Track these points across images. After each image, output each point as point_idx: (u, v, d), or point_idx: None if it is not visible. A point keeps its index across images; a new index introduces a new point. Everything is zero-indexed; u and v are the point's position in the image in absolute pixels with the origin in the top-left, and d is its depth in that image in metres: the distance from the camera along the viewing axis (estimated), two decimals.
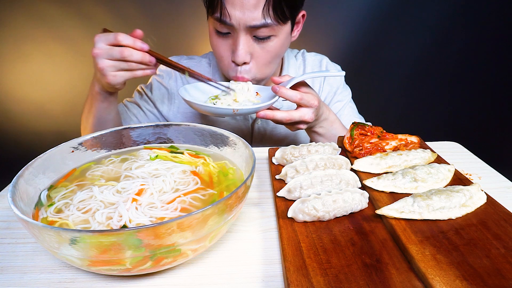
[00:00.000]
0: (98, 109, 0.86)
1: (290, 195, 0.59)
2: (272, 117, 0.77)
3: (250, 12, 0.79)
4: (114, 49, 0.73)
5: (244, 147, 0.59)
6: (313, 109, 0.79)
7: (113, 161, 0.65)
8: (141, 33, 0.76)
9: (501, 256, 0.45)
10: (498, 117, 2.53)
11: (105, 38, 0.73)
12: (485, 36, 2.28)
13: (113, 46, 0.73)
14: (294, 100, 0.78)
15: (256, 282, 0.47)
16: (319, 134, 0.90)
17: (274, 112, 0.77)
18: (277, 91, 0.77)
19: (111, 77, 0.75)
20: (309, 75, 0.83)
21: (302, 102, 0.78)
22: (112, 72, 0.75)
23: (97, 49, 0.73)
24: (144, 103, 1.05)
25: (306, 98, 0.78)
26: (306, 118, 0.79)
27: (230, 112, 0.77)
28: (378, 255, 0.46)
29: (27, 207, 0.49)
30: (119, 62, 0.74)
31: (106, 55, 0.73)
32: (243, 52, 0.84)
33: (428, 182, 0.61)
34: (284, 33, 0.87)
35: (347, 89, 1.14)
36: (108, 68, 0.74)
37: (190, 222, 0.41)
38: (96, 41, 0.73)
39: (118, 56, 0.73)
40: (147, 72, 0.78)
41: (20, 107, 2.31)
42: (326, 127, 0.89)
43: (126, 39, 0.73)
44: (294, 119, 0.78)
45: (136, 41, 0.74)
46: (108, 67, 0.74)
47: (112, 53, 0.73)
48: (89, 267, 0.43)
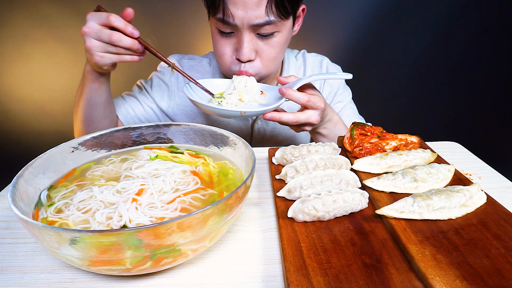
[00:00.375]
0: (89, 90, 0.85)
1: (290, 195, 0.59)
2: (278, 119, 0.78)
3: (253, 10, 0.79)
4: (103, 31, 0.72)
5: (244, 147, 0.59)
6: (319, 111, 0.79)
7: (113, 161, 0.65)
8: (132, 12, 0.75)
9: (501, 256, 0.45)
10: (498, 117, 2.53)
11: (96, 17, 0.72)
12: (485, 36, 2.28)
13: (103, 27, 0.73)
14: (301, 103, 0.78)
15: (256, 282, 0.47)
16: (322, 135, 0.90)
17: (281, 114, 0.77)
18: (284, 93, 0.77)
19: (98, 57, 0.75)
20: (317, 77, 0.83)
21: (309, 104, 0.78)
22: (99, 52, 0.74)
23: (86, 28, 0.72)
24: (143, 98, 1.05)
25: (313, 100, 0.78)
26: (312, 120, 0.79)
27: (238, 114, 0.77)
28: (378, 255, 0.46)
29: (27, 207, 0.49)
30: (107, 44, 0.74)
31: (95, 35, 0.73)
32: (248, 50, 0.84)
33: (428, 182, 0.61)
34: (287, 28, 0.87)
35: (347, 89, 1.14)
36: (95, 48, 0.73)
37: (190, 222, 0.41)
38: (88, 19, 0.73)
39: (106, 39, 0.73)
40: (135, 58, 0.78)
41: (20, 107, 2.31)
42: (329, 128, 0.89)
43: (117, 21, 0.72)
44: (300, 121, 0.78)
45: (128, 25, 0.73)
46: (95, 47, 0.73)
47: (101, 35, 0.72)
48: (89, 267, 0.43)
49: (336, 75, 0.85)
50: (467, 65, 2.36)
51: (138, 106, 1.03)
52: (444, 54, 2.31)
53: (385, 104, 2.38)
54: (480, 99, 2.48)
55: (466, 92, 2.44)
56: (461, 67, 2.37)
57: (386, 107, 2.38)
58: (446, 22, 2.21)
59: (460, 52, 2.31)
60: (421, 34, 2.23)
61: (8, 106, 2.30)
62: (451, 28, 2.23)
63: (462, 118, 2.51)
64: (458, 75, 2.40)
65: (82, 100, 0.87)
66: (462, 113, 2.50)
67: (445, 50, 2.30)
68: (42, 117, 2.34)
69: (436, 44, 2.27)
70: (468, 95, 2.45)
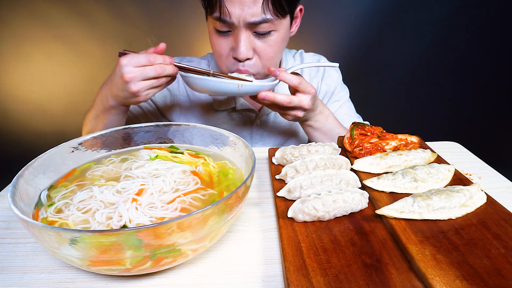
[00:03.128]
0: (112, 121, 0.87)
1: (290, 195, 0.59)
2: (273, 99, 0.79)
3: (249, 8, 0.79)
4: (147, 69, 0.74)
5: (244, 147, 0.59)
6: (310, 96, 0.81)
7: (113, 161, 0.65)
8: (165, 46, 0.78)
9: (501, 256, 0.45)
10: (498, 117, 2.53)
11: (135, 61, 0.73)
12: (485, 36, 2.28)
13: (145, 67, 0.74)
14: (294, 84, 0.80)
15: (256, 282, 0.47)
16: (314, 128, 0.91)
17: (275, 94, 0.79)
18: (277, 75, 0.79)
19: (143, 97, 0.77)
20: (304, 65, 0.86)
21: (301, 87, 0.80)
22: (145, 91, 0.76)
23: (130, 73, 0.73)
24: (145, 105, 1.06)
25: (304, 83, 0.80)
26: (303, 104, 0.81)
27: (235, 88, 0.75)
28: (378, 255, 0.46)
29: (27, 207, 0.49)
30: (152, 81, 0.76)
31: (141, 77, 0.74)
32: (245, 49, 0.84)
33: (428, 182, 0.61)
34: (284, 27, 0.87)
35: (344, 88, 1.14)
36: (142, 89, 0.75)
37: (190, 222, 0.41)
38: (124, 65, 0.73)
39: (153, 75, 0.74)
40: (171, 82, 0.81)
41: (20, 107, 2.31)
42: (321, 121, 0.90)
43: (157, 59, 0.75)
44: (293, 103, 0.80)
45: (165, 57, 0.76)
46: (142, 88, 0.75)
47: (147, 73, 0.74)
48: (89, 267, 0.43)
49: (323, 63, 0.87)
50: (467, 65, 2.37)
51: (140, 113, 1.05)
52: (444, 54, 2.31)
53: (385, 104, 2.38)
54: (480, 99, 2.48)
55: (466, 92, 2.44)
56: (461, 67, 2.37)
57: (386, 107, 2.38)
58: (446, 22, 2.21)
59: (460, 52, 2.31)
60: (421, 34, 2.23)
61: (8, 106, 2.30)
62: (451, 28, 2.23)
63: (462, 118, 2.51)
64: (458, 75, 2.40)
65: (100, 127, 0.88)
66: (462, 113, 2.50)
67: (445, 50, 2.30)
68: (42, 117, 2.34)
69: (436, 44, 2.27)
70: (468, 95, 2.45)
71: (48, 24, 2.10)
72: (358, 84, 1.33)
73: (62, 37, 2.14)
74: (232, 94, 0.81)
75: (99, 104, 0.86)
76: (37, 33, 2.12)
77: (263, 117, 1.08)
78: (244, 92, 0.78)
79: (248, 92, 0.79)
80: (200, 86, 0.79)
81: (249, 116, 1.07)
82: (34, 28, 2.11)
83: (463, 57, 2.34)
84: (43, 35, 2.13)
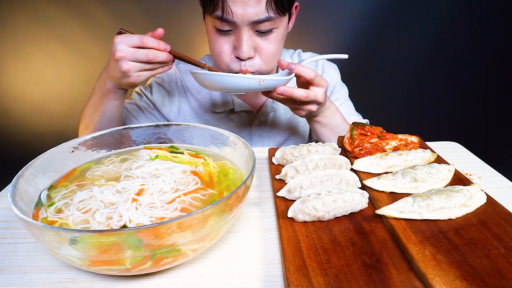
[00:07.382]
0: (109, 107, 0.86)
1: (290, 195, 0.59)
2: (291, 93, 0.79)
3: (252, 7, 0.79)
4: (139, 52, 0.74)
5: (244, 147, 0.59)
6: (324, 89, 0.81)
7: (113, 161, 0.65)
8: (163, 32, 0.78)
9: (501, 256, 0.45)
10: (498, 117, 2.53)
11: (127, 41, 0.74)
12: (485, 36, 2.28)
13: (137, 48, 0.74)
14: (310, 77, 0.79)
15: (256, 282, 0.47)
16: (322, 124, 0.90)
17: (293, 88, 0.79)
18: (293, 69, 0.79)
19: (134, 77, 0.77)
20: (316, 58, 0.87)
21: (316, 79, 0.80)
22: (136, 73, 0.76)
23: (120, 52, 0.73)
24: (144, 105, 1.05)
25: (318, 76, 0.80)
26: (319, 98, 0.81)
27: (256, 84, 0.75)
28: (378, 255, 0.46)
29: (27, 207, 0.49)
30: (143, 64, 0.76)
31: (131, 57, 0.74)
32: (247, 48, 0.84)
33: (428, 182, 0.61)
34: (284, 23, 0.88)
35: (344, 87, 1.14)
36: (133, 70, 0.75)
37: (190, 222, 0.41)
38: (116, 43, 0.74)
39: (143, 58, 0.75)
40: (166, 69, 0.81)
41: (20, 107, 2.31)
42: (329, 116, 0.90)
43: (151, 42, 0.75)
44: (310, 97, 0.80)
45: (160, 42, 0.76)
46: (132, 68, 0.75)
47: (138, 56, 0.74)
48: (89, 267, 0.43)
49: (333, 55, 0.87)
50: (468, 65, 2.37)
51: (141, 115, 1.04)
52: (444, 54, 2.31)
53: (385, 104, 2.38)
54: (480, 99, 2.48)
55: (466, 92, 2.44)
56: (461, 67, 2.37)
57: (386, 107, 2.38)
58: (447, 22, 2.21)
59: (461, 52, 2.31)
60: (421, 34, 2.23)
61: (8, 106, 2.30)
62: (452, 28, 2.23)
63: (462, 118, 2.51)
64: (458, 75, 2.40)
65: (97, 116, 0.88)
66: (462, 113, 2.50)
67: (446, 50, 2.30)
68: (42, 117, 2.34)
69: (437, 44, 2.27)
70: (468, 95, 2.45)
71: (48, 24, 2.10)
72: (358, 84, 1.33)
73: (62, 37, 2.14)
74: (252, 90, 0.79)
75: (97, 90, 0.87)
76: (37, 33, 2.12)
77: (261, 117, 1.08)
78: (264, 87, 0.77)
79: (268, 87, 0.78)
80: (219, 84, 0.77)
81: (247, 117, 1.07)
82: (34, 28, 2.11)
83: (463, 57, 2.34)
84: (43, 35, 2.13)
